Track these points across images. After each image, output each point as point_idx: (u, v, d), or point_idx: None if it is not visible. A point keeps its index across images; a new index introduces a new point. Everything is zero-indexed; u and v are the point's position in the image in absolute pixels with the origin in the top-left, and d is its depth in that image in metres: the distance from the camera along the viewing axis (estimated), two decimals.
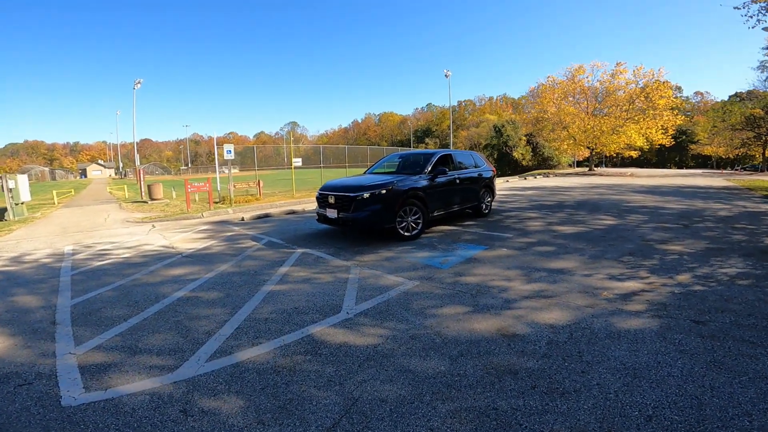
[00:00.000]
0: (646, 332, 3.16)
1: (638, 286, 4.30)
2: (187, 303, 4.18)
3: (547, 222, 8.42)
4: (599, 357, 2.80)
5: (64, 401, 2.49)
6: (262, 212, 11.28)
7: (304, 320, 3.60)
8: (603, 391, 2.40)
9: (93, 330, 3.63)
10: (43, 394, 2.58)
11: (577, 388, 2.44)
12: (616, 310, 3.65)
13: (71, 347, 3.29)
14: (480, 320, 3.50)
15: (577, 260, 5.37)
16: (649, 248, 5.99)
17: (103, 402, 2.46)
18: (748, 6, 13.65)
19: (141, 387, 2.62)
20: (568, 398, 2.34)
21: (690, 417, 2.14)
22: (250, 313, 3.82)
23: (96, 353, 3.17)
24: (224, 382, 2.63)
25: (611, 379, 2.52)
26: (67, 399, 2.52)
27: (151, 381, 2.68)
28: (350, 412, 2.26)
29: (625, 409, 2.22)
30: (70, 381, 2.74)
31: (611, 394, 2.36)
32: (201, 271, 5.40)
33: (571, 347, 2.96)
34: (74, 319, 3.94)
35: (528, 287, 4.33)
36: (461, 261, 5.42)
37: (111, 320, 3.84)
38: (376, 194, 6.41)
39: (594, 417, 2.17)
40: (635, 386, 2.43)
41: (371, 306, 3.87)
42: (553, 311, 3.66)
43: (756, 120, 33.21)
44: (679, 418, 2.13)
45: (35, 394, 2.59)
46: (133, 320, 3.81)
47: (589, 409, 2.24)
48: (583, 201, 12.31)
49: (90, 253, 7.05)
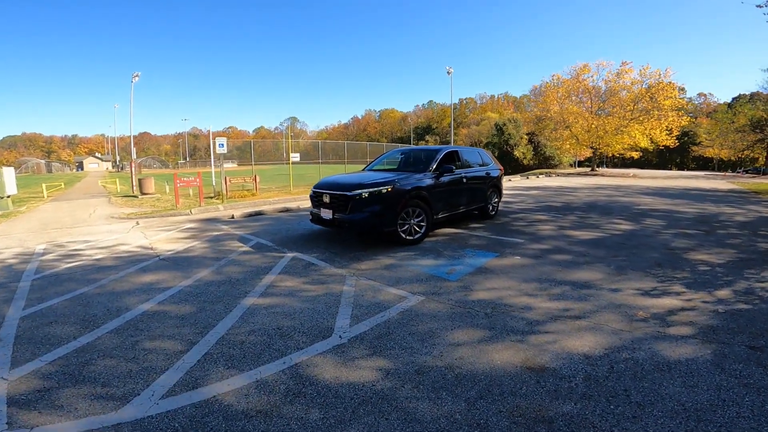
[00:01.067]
0: (699, 362, 2.67)
1: (676, 303, 3.77)
2: (152, 318, 3.57)
3: (558, 225, 7.82)
4: (651, 396, 2.29)
5: None
6: (254, 209, 10.65)
7: (287, 345, 2.99)
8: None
9: (35, 349, 3.07)
10: None
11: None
12: (658, 334, 3.12)
13: (5, 371, 2.74)
14: (499, 349, 2.91)
15: (601, 271, 4.78)
16: (677, 258, 5.44)
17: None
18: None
19: (74, 428, 2.08)
20: None
21: None
22: (224, 333, 3.22)
23: (31, 380, 2.63)
24: (180, 427, 2.06)
25: (671, 425, 2.03)
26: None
27: (88, 421, 2.14)
28: None
29: None
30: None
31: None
32: (176, 278, 4.77)
33: (615, 384, 2.43)
34: (19, 334, 3.36)
35: (551, 305, 3.74)
36: (471, 271, 4.80)
37: (59, 338, 3.26)
38: (376, 193, 5.76)
39: None
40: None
41: (368, 328, 3.26)
42: (585, 336, 3.09)
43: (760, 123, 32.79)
44: None
45: None
46: (84, 338, 3.23)
47: None
48: (591, 203, 11.74)
49: (61, 253, 6.43)
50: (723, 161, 59.88)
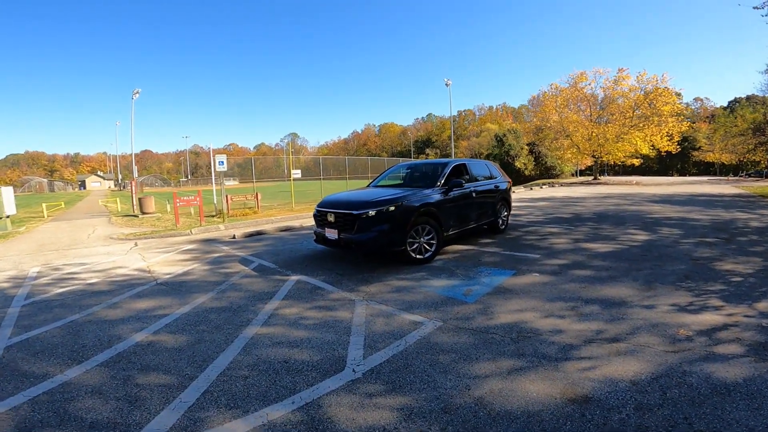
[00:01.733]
0: (758, 382, 2.45)
1: (717, 319, 3.49)
2: (146, 350, 3.26)
3: (573, 238, 7.51)
4: (716, 423, 2.06)
5: None
6: (255, 229, 10.37)
7: (296, 382, 2.67)
8: None
9: (18, 383, 2.80)
10: None
11: None
12: (706, 354, 2.85)
13: None
14: (533, 379, 2.60)
15: (628, 287, 4.47)
16: (704, 268, 5.16)
17: None
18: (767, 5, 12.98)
19: None
20: None
21: None
22: (225, 368, 2.90)
23: (9, 419, 2.35)
24: None
25: None
26: None
27: None
28: None
29: None
30: None
31: None
32: (173, 304, 4.47)
33: (672, 412, 2.16)
34: (3, 366, 3.09)
35: (582, 327, 3.42)
36: (488, 291, 4.48)
37: (44, 371, 2.98)
38: (383, 211, 5.45)
39: None
40: None
41: (384, 360, 2.94)
42: (628, 361, 2.79)
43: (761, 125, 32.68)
44: None
45: None
46: (71, 372, 2.94)
47: None
48: (601, 213, 11.45)
49: (55, 276, 6.15)
50: (724, 165, 59.76)
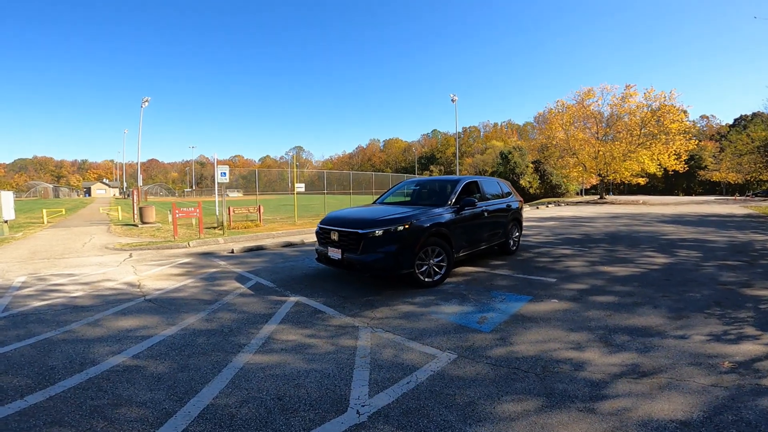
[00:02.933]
0: None
1: (759, 348, 3.20)
2: (122, 376, 2.88)
3: (588, 261, 7.12)
4: None
5: None
6: (255, 243, 10.01)
7: (290, 424, 2.28)
8: None
9: None
10: None
11: None
12: (757, 387, 2.55)
13: None
14: (566, 421, 2.23)
15: (657, 314, 4.11)
16: (733, 294, 4.85)
17: None
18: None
19: None
20: None
21: None
22: (208, 402, 2.52)
23: None
24: None
25: None
26: None
27: None
28: None
29: None
30: None
31: None
32: (159, 324, 4.09)
33: None
34: None
35: (613, 360, 3.05)
36: (506, 319, 4.08)
37: (4, 394, 2.63)
38: (391, 231, 5.07)
39: None
40: None
41: (393, 399, 2.54)
42: (672, 398, 2.45)
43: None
44: None
45: None
46: (33, 398, 2.59)
47: None
48: (613, 233, 11.07)
49: (39, 288, 5.79)
50: (730, 185, 59.32)
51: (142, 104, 42.00)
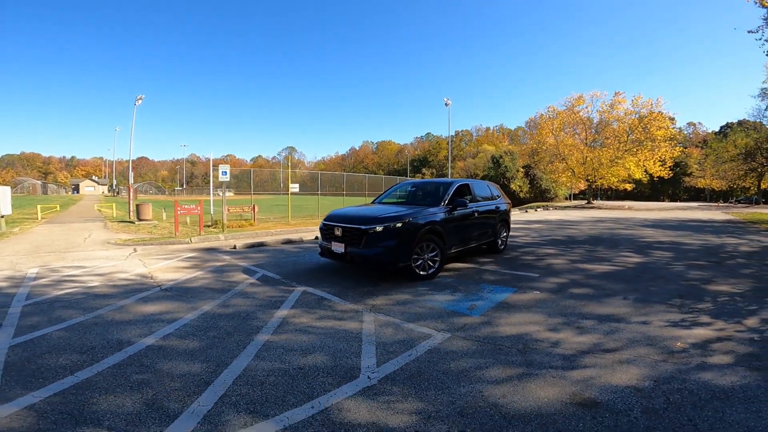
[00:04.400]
0: (753, 388, 2.67)
1: (709, 333, 3.72)
2: (158, 354, 3.29)
3: (569, 259, 7.69)
4: (718, 424, 2.27)
5: None
6: (256, 240, 10.41)
7: (312, 387, 2.73)
8: None
9: (28, 383, 2.77)
10: None
11: None
12: (702, 363, 3.05)
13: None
14: (542, 385, 2.72)
15: (624, 304, 4.66)
16: (695, 289, 5.41)
17: None
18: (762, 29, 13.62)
19: None
20: None
21: None
22: (240, 373, 2.94)
23: (23, 418, 2.33)
24: None
25: None
26: None
27: None
28: None
29: None
30: None
31: None
32: (180, 309, 4.50)
33: (677, 415, 2.33)
34: (8, 366, 3.06)
35: (583, 339, 3.57)
36: (492, 306, 4.59)
37: (54, 371, 2.96)
38: (391, 228, 5.56)
39: None
40: None
41: (398, 368, 3.02)
42: (629, 369, 2.96)
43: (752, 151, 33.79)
44: None
45: None
46: (82, 374, 2.93)
47: None
48: (595, 236, 11.71)
49: (54, 278, 6.11)
50: (715, 191, 61.09)
51: (136, 102, 41.67)
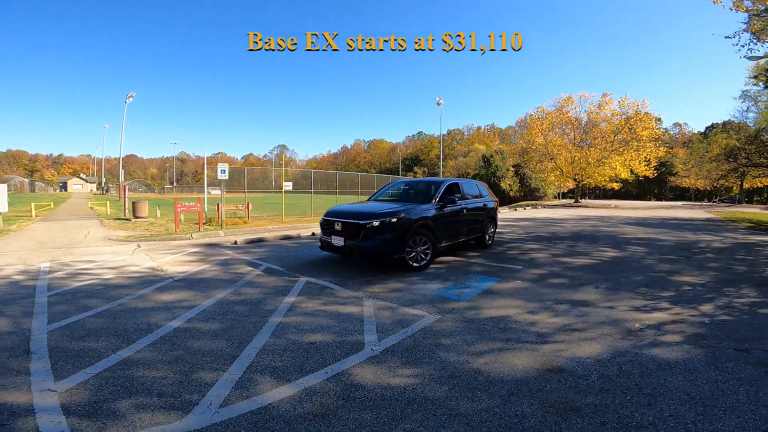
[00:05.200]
0: (694, 362, 3.12)
1: (666, 317, 4.26)
2: (186, 334, 3.74)
3: (551, 254, 8.29)
4: (659, 389, 2.71)
5: None
6: (255, 236, 10.83)
7: (324, 357, 3.23)
8: (680, 422, 2.31)
9: (75, 362, 3.15)
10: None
11: (652, 421, 2.31)
12: (655, 341, 3.58)
13: (50, 382, 2.80)
14: (518, 356, 3.25)
15: (595, 292, 5.24)
16: (662, 280, 6.00)
17: None
18: (739, 35, 14.05)
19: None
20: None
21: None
22: (261, 348, 3.42)
23: (81, 391, 2.69)
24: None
25: (682, 409, 2.44)
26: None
27: (157, 430, 2.24)
28: None
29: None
30: (53, 425, 2.27)
31: (690, 425, 2.28)
32: (196, 297, 4.94)
33: (626, 380, 2.83)
34: (52, 348, 3.43)
35: (555, 320, 4.13)
36: (478, 293, 5.15)
37: (97, 352, 3.35)
38: (386, 222, 6.10)
39: None
40: (710, 414, 2.37)
41: (396, 342, 3.53)
42: (592, 344, 3.50)
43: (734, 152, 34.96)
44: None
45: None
46: (123, 353, 3.34)
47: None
48: (578, 233, 12.38)
49: (68, 271, 6.48)
50: (699, 191, 62.70)
51: (126, 100, 41.20)
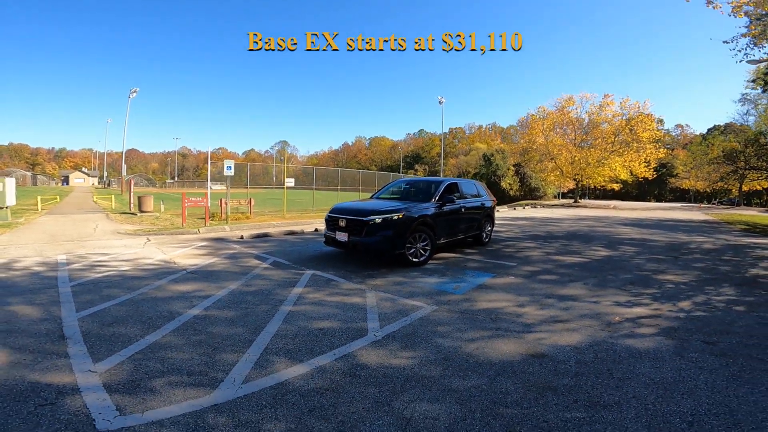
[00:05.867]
0: (663, 351, 3.45)
1: (645, 312, 4.60)
2: (205, 321, 4.09)
3: (545, 252, 8.65)
4: (628, 374, 3.02)
5: (99, 425, 2.30)
6: (260, 231, 11.18)
7: (332, 341, 3.58)
8: (641, 402, 2.62)
9: (109, 346, 3.45)
10: (71, 416, 2.37)
11: (617, 401, 2.62)
12: (630, 332, 3.91)
13: (89, 364, 3.10)
14: (506, 342, 3.60)
15: (583, 288, 5.58)
16: (647, 278, 6.33)
17: (143, 426, 2.30)
18: (737, 40, 14.24)
19: (180, 410, 2.48)
20: (610, 410, 2.52)
21: (726, 421, 2.39)
22: (274, 333, 3.76)
23: (119, 371, 3.00)
24: (268, 405, 2.57)
25: (645, 392, 2.74)
26: (102, 423, 2.32)
27: (189, 404, 2.55)
28: (407, 431, 2.27)
29: (667, 416, 2.44)
30: (99, 402, 2.56)
31: (650, 405, 2.58)
32: (210, 288, 5.30)
33: (600, 366, 3.16)
34: (85, 333, 3.73)
35: (542, 312, 4.48)
36: (473, 287, 5.51)
37: (127, 337, 3.67)
38: (388, 220, 6.46)
39: (640, 425, 2.35)
40: (669, 397, 2.67)
41: (397, 329, 3.89)
42: (573, 334, 3.84)
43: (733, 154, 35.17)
44: (717, 423, 2.38)
45: (62, 416, 2.38)
46: (150, 338, 3.66)
47: (634, 418, 2.42)
48: (574, 232, 12.73)
49: (85, 263, 6.82)
50: (699, 193, 62.90)
51: (130, 95, 41.38)
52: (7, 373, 2.90)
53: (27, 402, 2.52)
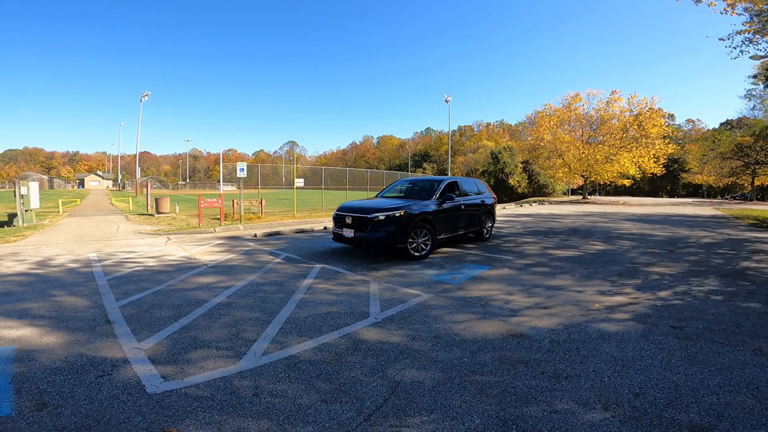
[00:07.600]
0: (631, 334, 3.83)
1: (624, 300, 4.97)
2: (228, 307, 4.65)
3: (542, 246, 9.04)
4: (593, 352, 3.42)
5: (148, 389, 2.80)
6: (272, 230, 11.78)
7: (338, 323, 4.11)
8: (599, 375, 3.02)
9: (149, 328, 4.00)
10: (125, 384, 2.88)
11: (578, 374, 3.05)
12: (605, 318, 4.31)
13: (135, 343, 3.64)
14: (490, 325, 4.07)
15: (571, 279, 5.99)
16: (635, 270, 6.67)
17: (183, 389, 2.82)
18: (732, 37, 14.45)
19: (211, 376, 3.01)
20: (571, 380, 2.94)
21: (669, 395, 2.75)
22: (288, 316, 4.30)
23: (160, 347, 3.54)
24: (283, 371, 3.10)
25: (604, 367, 3.15)
26: (151, 387, 2.83)
27: (219, 372, 3.08)
28: (396, 391, 2.78)
29: (617, 388, 2.84)
30: (147, 372, 3.08)
31: (605, 378, 2.98)
32: (230, 280, 5.87)
33: (570, 345, 3.58)
34: (127, 318, 4.29)
35: (528, 300, 4.92)
36: (468, 278, 5.98)
37: (163, 320, 4.23)
38: (391, 216, 6.98)
39: (593, 393, 2.77)
40: (624, 373, 3.06)
41: (395, 313, 4.40)
42: (552, 318, 4.28)
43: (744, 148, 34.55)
44: (660, 395, 2.74)
45: (118, 383, 2.89)
46: (183, 321, 4.21)
47: (589, 388, 2.84)
48: (575, 228, 13.02)
49: (116, 260, 7.47)
50: (712, 188, 61.70)
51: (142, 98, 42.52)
52: (67, 350, 3.47)
53: (88, 374, 3.07)
